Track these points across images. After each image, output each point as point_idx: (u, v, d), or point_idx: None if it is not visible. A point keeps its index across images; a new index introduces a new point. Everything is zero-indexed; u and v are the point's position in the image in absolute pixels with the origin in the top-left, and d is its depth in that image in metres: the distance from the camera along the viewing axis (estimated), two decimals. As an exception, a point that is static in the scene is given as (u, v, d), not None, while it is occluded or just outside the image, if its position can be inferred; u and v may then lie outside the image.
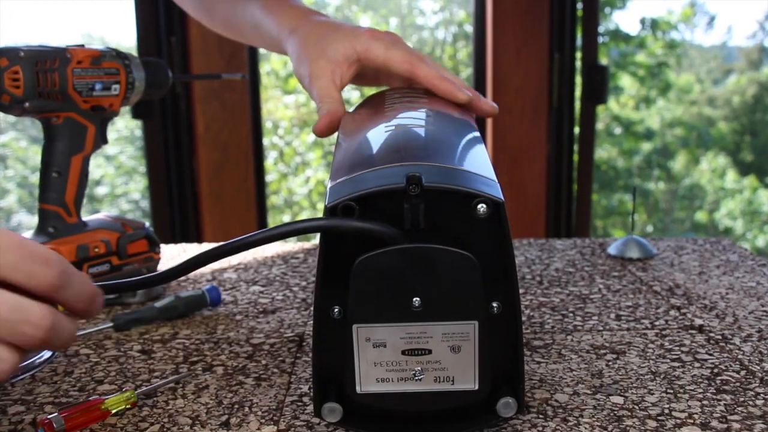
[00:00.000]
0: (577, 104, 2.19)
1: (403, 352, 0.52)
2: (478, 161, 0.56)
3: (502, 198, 0.50)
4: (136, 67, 0.88)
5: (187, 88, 2.11)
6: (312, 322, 0.54)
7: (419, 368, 0.52)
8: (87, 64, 0.83)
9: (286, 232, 0.52)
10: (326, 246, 0.51)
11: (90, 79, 0.83)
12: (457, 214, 0.51)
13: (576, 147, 2.21)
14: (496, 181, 0.54)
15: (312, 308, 0.73)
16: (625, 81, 6.08)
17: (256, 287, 0.91)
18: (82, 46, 0.84)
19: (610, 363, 0.67)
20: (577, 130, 2.20)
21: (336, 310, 0.52)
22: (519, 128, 2.16)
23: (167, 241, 1.16)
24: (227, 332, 0.76)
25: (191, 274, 0.96)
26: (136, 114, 2.14)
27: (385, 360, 0.52)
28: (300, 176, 4.62)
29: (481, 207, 0.50)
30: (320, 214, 0.52)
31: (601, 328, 0.75)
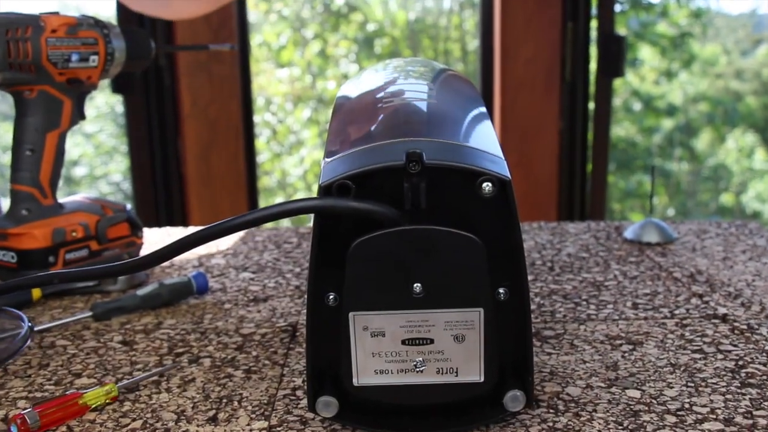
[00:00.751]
0: (592, 78, 2.18)
1: (403, 342, 0.52)
2: (484, 137, 0.56)
3: (509, 176, 0.50)
4: (116, 36, 0.88)
5: (171, 60, 2.10)
6: (306, 310, 0.54)
7: (420, 359, 0.52)
8: (62, 33, 0.83)
9: (277, 214, 0.52)
10: (320, 228, 0.51)
11: (66, 50, 0.83)
12: (461, 194, 0.51)
13: (591, 124, 2.20)
14: (503, 158, 0.54)
15: (306, 296, 0.73)
16: (645, 52, 6.05)
17: (246, 274, 0.92)
18: (57, 13, 0.84)
19: (626, 354, 0.67)
20: (591, 105, 2.19)
21: (331, 297, 0.52)
22: (529, 103, 2.16)
23: (151, 225, 1.16)
24: (215, 322, 0.77)
25: (176, 260, 0.96)
26: (116, 88, 2.14)
27: (383, 350, 0.52)
28: (294, 156, 4.62)
29: (487, 186, 0.50)
30: (315, 195, 0.52)
31: (616, 317, 0.76)
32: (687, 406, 0.58)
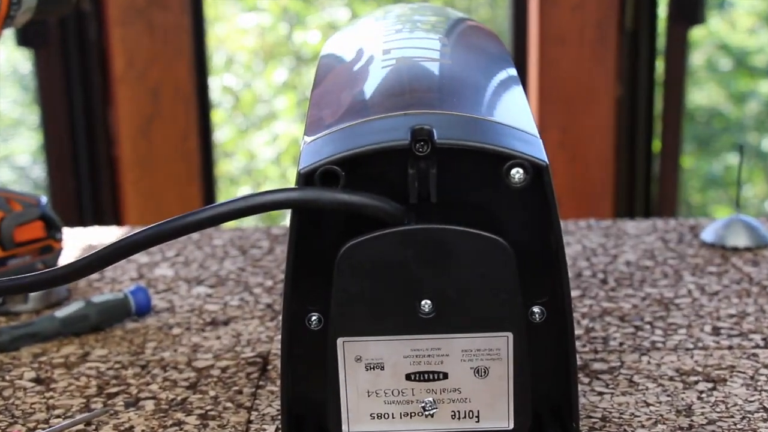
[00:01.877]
0: (662, 27, 2.18)
1: (408, 377, 0.53)
2: (513, 109, 0.57)
3: (546, 160, 0.51)
4: (26, -27, 0.89)
5: (98, 4, 2.11)
6: (281, 336, 0.55)
7: (431, 399, 0.53)
8: (-45, -30, 0.83)
9: (243, 209, 0.53)
10: (300, 228, 0.52)
11: (-40, -8, 0.84)
12: (483, 183, 0.51)
13: (659, 88, 2.20)
14: (539, 136, 0.54)
15: (281, 317, 0.74)
16: (736, -8, 6.02)
17: (202, 288, 0.92)
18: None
19: (703, 395, 0.68)
20: (660, 64, 2.19)
21: (314, 318, 0.53)
22: (576, 62, 2.16)
23: (73, 224, 1.17)
24: (160, 352, 0.77)
25: (107, 271, 0.97)
26: (23, 40, 2.13)
27: (382, 388, 0.53)
28: (264, 132, 4.61)
29: (517, 173, 0.51)
30: (292, 184, 0.53)
31: (690, 346, 0.76)
32: (781, 461, 0.59)
